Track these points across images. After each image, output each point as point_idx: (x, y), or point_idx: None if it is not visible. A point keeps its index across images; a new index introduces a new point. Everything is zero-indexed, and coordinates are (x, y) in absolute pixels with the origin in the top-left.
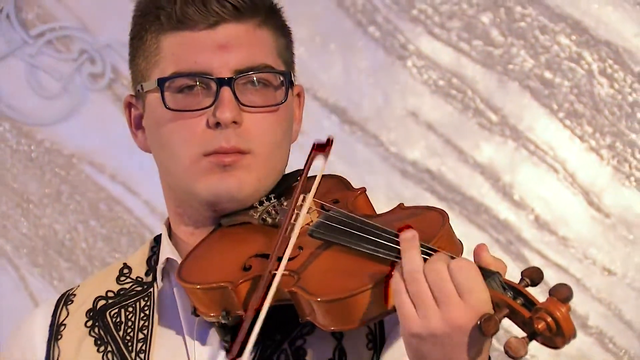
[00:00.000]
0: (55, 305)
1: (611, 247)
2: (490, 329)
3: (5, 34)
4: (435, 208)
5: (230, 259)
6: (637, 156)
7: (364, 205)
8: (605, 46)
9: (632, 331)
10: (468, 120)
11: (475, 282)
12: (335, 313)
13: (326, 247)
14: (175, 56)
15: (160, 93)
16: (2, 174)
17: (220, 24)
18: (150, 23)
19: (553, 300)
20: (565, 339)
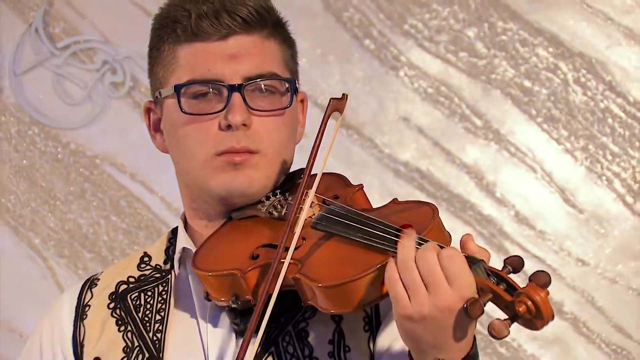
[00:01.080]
0: (80, 288)
1: (584, 240)
2: (475, 312)
3: (34, 47)
4: (427, 203)
5: (240, 249)
6: (608, 157)
7: (362, 201)
8: (579, 57)
9: (604, 316)
10: (455, 125)
11: (461, 269)
12: (335, 298)
13: (327, 238)
14: (190, 65)
15: (176, 98)
16: (31, 173)
17: (231, 35)
18: (167, 35)
19: (533, 286)
20: (544, 321)
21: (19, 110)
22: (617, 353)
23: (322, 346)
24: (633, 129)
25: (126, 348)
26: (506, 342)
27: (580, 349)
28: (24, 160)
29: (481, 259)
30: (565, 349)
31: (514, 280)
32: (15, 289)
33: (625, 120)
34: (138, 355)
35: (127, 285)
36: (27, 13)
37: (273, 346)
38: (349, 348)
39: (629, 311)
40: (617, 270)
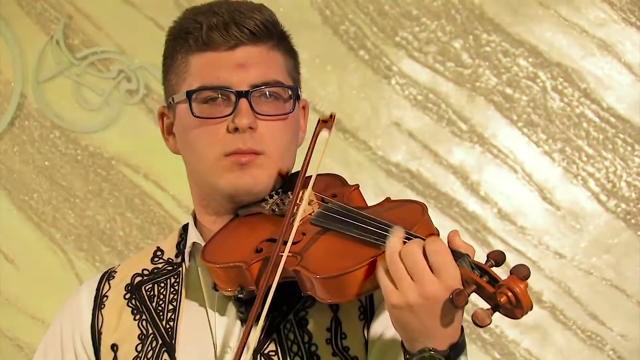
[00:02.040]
0: (99, 280)
1: (561, 234)
2: (460, 302)
3: (55, 57)
4: (417, 201)
5: (245, 243)
6: (583, 159)
7: (358, 199)
8: (557, 67)
9: (580, 305)
10: (442, 129)
11: (447, 261)
12: (332, 288)
13: (325, 233)
14: (201, 73)
15: (188, 103)
16: (52, 173)
17: (239, 46)
18: (180, 45)
19: (513, 278)
20: (524, 310)
21: (42, 115)
22: (592, 339)
23: (320, 333)
24: (606, 133)
25: (141, 335)
26: (489, 328)
27: (558, 335)
28: (46, 161)
29: (466, 253)
30: (543, 335)
31: (496, 273)
32: (38, 279)
33: (599, 125)
34: (152, 342)
35: (141, 277)
36: (49, 26)
37: (275, 333)
38: (345, 335)
39: (602, 300)
40: (591, 263)
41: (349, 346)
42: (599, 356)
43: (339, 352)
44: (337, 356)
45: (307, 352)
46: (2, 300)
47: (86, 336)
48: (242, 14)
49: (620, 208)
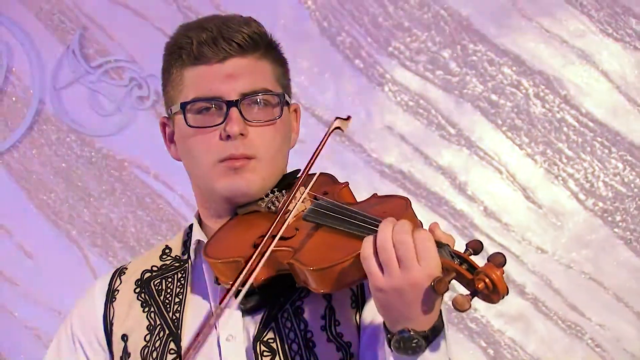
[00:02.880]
0: (111, 276)
1: (543, 231)
2: (441, 288)
3: (72, 66)
4: (401, 196)
5: (243, 239)
6: (563, 161)
7: (347, 196)
8: (539, 75)
9: (560, 297)
10: (432, 133)
11: (430, 250)
12: (323, 279)
13: (317, 228)
14: (194, 85)
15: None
16: (69, 174)
17: (228, 58)
18: (174, 60)
19: (490, 265)
20: (500, 295)
21: (59, 120)
22: (572, 328)
23: (315, 321)
24: (585, 137)
25: (149, 326)
26: (476, 318)
27: (540, 325)
28: (63, 163)
29: (446, 243)
30: (527, 324)
31: (474, 261)
32: (55, 273)
33: (578, 129)
34: (160, 332)
35: (150, 273)
36: (66, 37)
37: (273, 322)
38: (338, 322)
39: (581, 292)
40: (571, 257)
41: (342, 332)
42: (578, 344)
43: (334, 338)
44: (331, 342)
45: (303, 339)
46: (22, 293)
47: (99, 327)
48: (230, 28)
49: (598, 206)
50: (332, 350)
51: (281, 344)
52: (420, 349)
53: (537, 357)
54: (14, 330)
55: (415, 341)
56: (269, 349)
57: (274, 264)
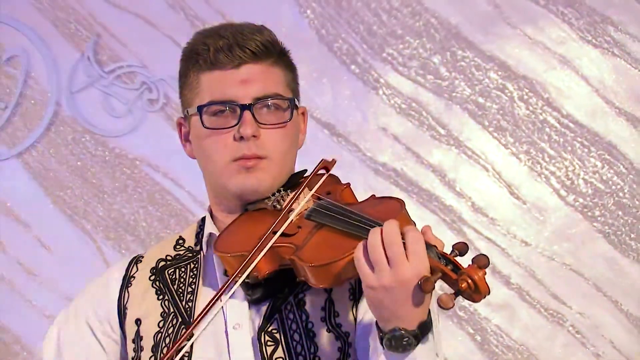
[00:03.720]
0: (129, 263)
1: (527, 225)
2: (427, 287)
3: (86, 71)
4: (396, 198)
5: (250, 235)
6: (546, 159)
7: (349, 196)
8: (523, 79)
9: (543, 287)
10: (423, 133)
11: (419, 250)
12: (321, 275)
13: (318, 227)
14: (210, 89)
15: (199, 116)
16: (84, 172)
17: (243, 64)
18: (192, 65)
19: (473, 267)
20: (482, 295)
21: (74, 121)
22: (554, 316)
23: (316, 312)
24: (566, 137)
25: (163, 313)
26: (464, 306)
27: (524, 313)
28: (78, 162)
29: (434, 245)
30: (511, 312)
31: (459, 262)
32: (71, 265)
33: (560, 130)
34: (172, 320)
35: (165, 262)
36: (81, 44)
37: (277, 313)
38: (337, 314)
39: (563, 283)
40: (553, 250)
41: (341, 323)
42: (559, 331)
43: (333, 329)
44: (331, 332)
45: (305, 329)
46: (40, 283)
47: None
48: (245, 36)
49: (578, 202)
50: (331, 339)
51: (284, 334)
52: (411, 347)
53: (521, 343)
54: (32, 318)
55: (405, 339)
56: (272, 339)
57: (277, 259)
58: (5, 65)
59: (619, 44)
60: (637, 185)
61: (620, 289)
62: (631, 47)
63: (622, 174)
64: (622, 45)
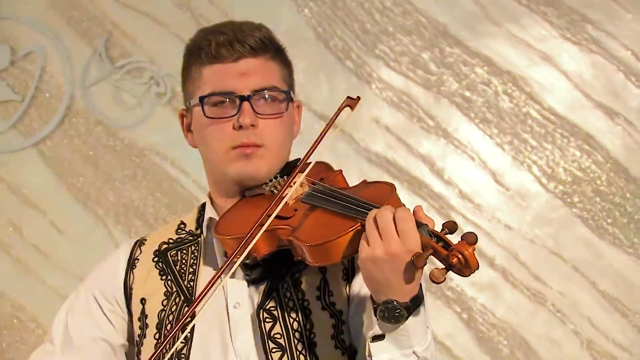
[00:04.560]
0: (132, 246)
1: (510, 211)
2: (420, 263)
3: (98, 66)
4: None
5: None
6: (528, 149)
7: (341, 181)
8: (507, 74)
9: (525, 268)
10: (413, 125)
11: (410, 227)
12: (318, 253)
13: (313, 209)
14: (211, 81)
15: (201, 106)
16: (96, 161)
17: (242, 58)
18: (194, 59)
19: (463, 243)
20: (471, 269)
21: (87, 113)
22: (535, 296)
23: (311, 291)
24: (547, 128)
25: (167, 292)
26: (452, 287)
27: (508, 293)
28: (91, 151)
29: (426, 223)
30: (496, 292)
31: (449, 239)
32: (84, 248)
33: (541, 122)
34: (175, 298)
35: (167, 245)
36: (93, 41)
37: (275, 292)
38: (331, 293)
39: (544, 264)
40: (534, 234)
41: (335, 302)
42: (541, 310)
43: (327, 307)
44: (325, 310)
45: (300, 307)
46: (54, 264)
47: (119, 290)
48: (244, 32)
49: (558, 189)
50: (326, 317)
51: (281, 311)
52: (402, 318)
53: (505, 321)
54: (47, 297)
55: (397, 311)
56: (270, 316)
57: (275, 241)
58: (22, 61)
59: (596, 41)
60: (613, 174)
61: (597, 270)
62: (608, 44)
63: (599, 163)
64: (600, 42)
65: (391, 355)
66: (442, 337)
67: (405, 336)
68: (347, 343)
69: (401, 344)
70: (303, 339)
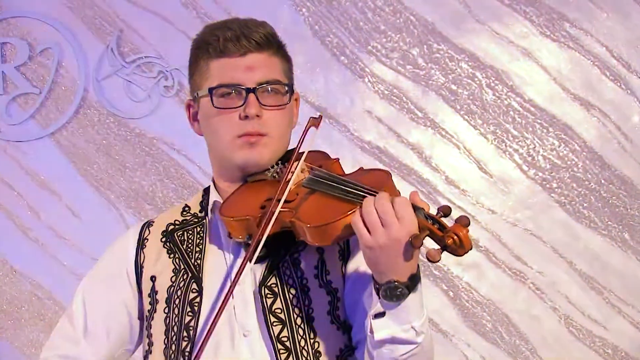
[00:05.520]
0: (141, 227)
1: (493, 196)
2: (417, 243)
3: (110, 61)
4: (383, 169)
5: (252, 202)
6: (510, 139)
7: (338, 168)
8: (490, 69)
9: (507, 249)
10: (403, 116)
11: (407, 212)
12: (318, 234)
13: (313, 193)
14: (219, 74)
15: (209, 97)
16: (108, 149)
17: (248, 53)
18: (202, 53)
19: (458, 225)
20: (465, 249)
21: (100, 105)
22: (516, 275)
23: (309, 270)
24: (527, 119)
25: (175, 269)
26: (439, 266)
27: (491, 272)
28: (103, 140)
29: (422, 207)
30: (480, 271)
31: (444, 222)
32: (97, 230)
33: (522, 113)
34: (183, 275)
35: (174, 226)
36: (106, 37)
37: (275, 270)
38: (328, 272)
39: (524, 245)
40: (516, 217)
41: (331, 280)
42: (521, 288)
43: (324, 285)
44: (322, 288)
45: (299, 284)
46: (70, 245)
47: (131, 268)
48: (250, 28)
49: (538, 176)
50: (323, 294)
51: (281, 288)
52: (404, 296)
53: (488, 298)
54: (64, 277)
55: (399, 290)
56: (271, 292)
57: (279, 222)
58: (39, 57)
59: (574, 38)
60: (589, 161)
61: (574, 251)
62: (584, 40)
63: (576, 151)
64: (577, 39)
65: (392, 331)
66: (430, 313)
67: (404, 313)
68: (342, 318)
69: (400, 320)
70: (302, 313)
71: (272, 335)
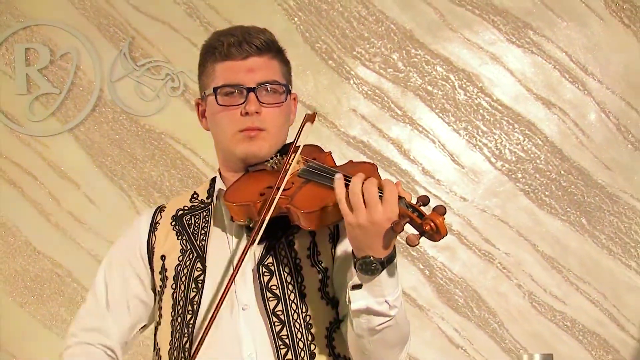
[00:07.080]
0: (154, 211)
1: (465, 185)
2: (398, 229)
3: (123, 64)
4: (370, 162)
5: (253, 189)
6: (479, 134)
7: (330, 161)
8: (462, 72)
9: (477, 233)
10: (384, 114)
11: (393, 198)
12: (312, 219)
13: (307, 182)
14: (223, 75)
15: (214, 96)
16: (121, 143)
17: (249, 57)
18: (209, 57)
19: (434, 214)
20: (441, 235)
21: (114, 104)
22: (486, 256)
23: (302, 251)
24: (495, 116)
25: (182, 250)
26: (417, 249)
27: (463, 254)
28: (117, 135)
29: (404, 196)
30: (453, 253)
31: (423, 210)
32: (111, 215)
33: (491, 111)
34: (189, 255)
35: (182, 211)
36: (119, 43)
37: (272, 250)
38: (319, 253)
39: (493, 229)
40: (485, 204)
41: (322, 260)
42: (490, 267)
43: (315, 264)
44: (314, 267)
45: (293, 264)
46: (87, 229)
47: (144, 249)
48: (251, 34)
49: (504, 167)
50: (314, 272)
51: (277, 267)
52: (377, 271)
53: (461, 277)
54: (81, 258)
55: (374, 265)
56: (268, 271)
57: (276, 208)
58: (59, 60)
59: (537, 44)
60: (550, 154)
61: (537, 234)
62: (546, 46)
63: (539, 145)
64: (539, 45)
65: (367, 302)
66: (408, 289)
67: (379, 287)
68: (331, 295)
69: (375, 293)
70: (295, 290)
71: (268, 309)
